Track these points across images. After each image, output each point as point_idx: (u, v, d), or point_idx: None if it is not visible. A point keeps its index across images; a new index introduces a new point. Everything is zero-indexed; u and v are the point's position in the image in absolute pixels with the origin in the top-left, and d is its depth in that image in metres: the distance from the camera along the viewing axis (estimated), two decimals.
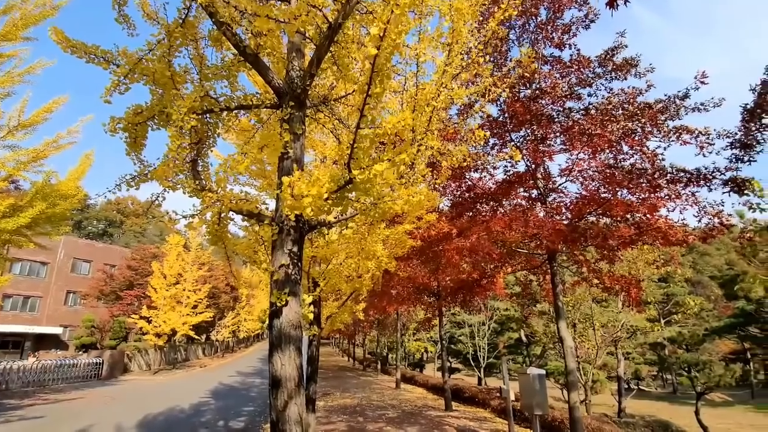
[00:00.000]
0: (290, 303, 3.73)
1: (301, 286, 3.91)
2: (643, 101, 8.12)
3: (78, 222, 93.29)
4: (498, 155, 5.54)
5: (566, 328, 8.71)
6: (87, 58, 4.79)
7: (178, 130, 4.12)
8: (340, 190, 3.34)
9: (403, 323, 27.09)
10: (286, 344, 3.64)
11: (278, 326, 3.69)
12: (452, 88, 5.45)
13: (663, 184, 7.61)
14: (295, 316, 3.74)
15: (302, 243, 4.04)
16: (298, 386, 3.60)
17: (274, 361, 3.62)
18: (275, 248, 3.95)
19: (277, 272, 3.82)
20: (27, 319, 40.11)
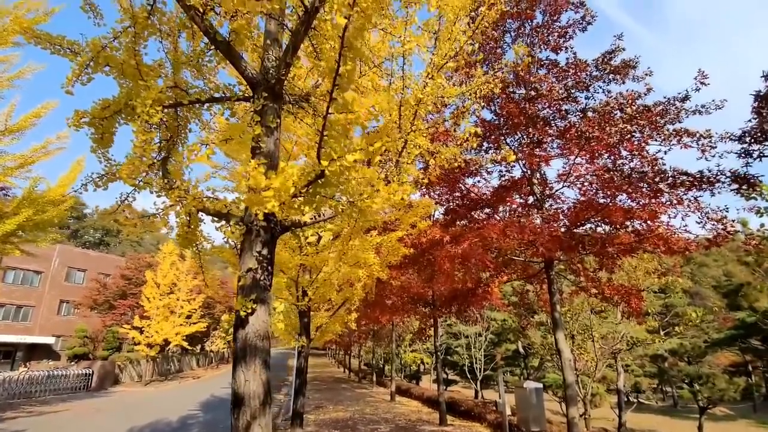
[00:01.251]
0: (257, 311, 3.37)
1: (270, 292, 3.56)
2: (642, 104, 7.84)
3: (75, 231, 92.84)
4: (492, 157, 5.23)
5: (564, 339, 8.32)
6: (53, 49, 4.49)
7: (143, 124, 3.79)
8: (312, 185, 3.00)
9: (398, 334, 26.58)
10: (252, 357, 3.27)
11: (243, 337, 3.33)
12: (442, 85, 5.17)
13: (664, 189, 7.29)
14: (262, 325, 3.38)
15: (273, 245, 3.69)
16: (263, 405, 3.22)
17: (237, 376, 3.24)
18: (243, 251, 3.60)
19: (243, 277, 3.46)
20: (19, 328, 39.42)
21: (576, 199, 8.62)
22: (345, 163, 2.64)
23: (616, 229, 8.32)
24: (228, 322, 5.23)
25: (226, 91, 4.18)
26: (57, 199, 16.86)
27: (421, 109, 4.49)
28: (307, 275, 10.84)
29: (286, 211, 3.31)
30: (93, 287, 42.40)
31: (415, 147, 4.79)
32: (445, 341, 32.28)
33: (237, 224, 3.58)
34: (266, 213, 3.60)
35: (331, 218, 3.99)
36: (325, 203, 3.23)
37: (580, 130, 7.69)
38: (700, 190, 7.08)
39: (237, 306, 3.33)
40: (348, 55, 2.39)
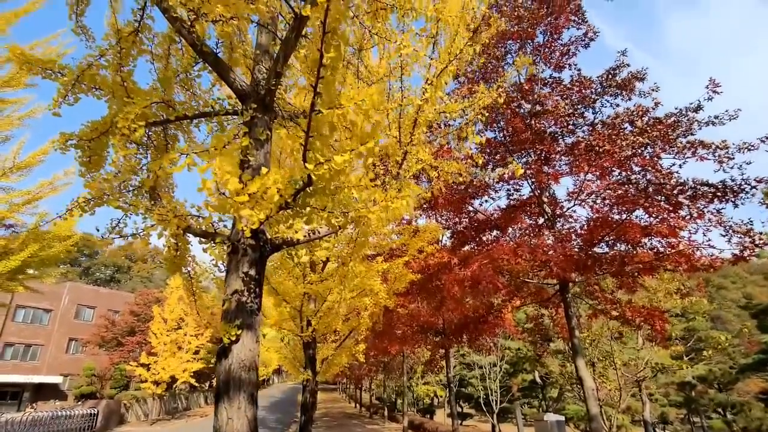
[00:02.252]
0: (243, 338, 3.03)
1: (259, 317, 3.22)
2: (652, 117, 7.56)
3: (86, 268, 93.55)
4: (499, 173, 4.94)
5: (585, 367, 7.74)
6: (43, 74, 4.37)
7: (123, 138, 3.58)
8: (300, 195, 2.71)
9: (410, 366, 25.66)
10: (236, 391, 2.90)
11: (226, 368, 2.97)
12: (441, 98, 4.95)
13: (684, 201, 6.91)
14: (248, 354, 3.02)
15: (263, 266, 3.38)
16: None
17: (219, 413, 2.87)
18: (229, 272, 3.29)
19: (228, 300, 3.14)
20: (27, 368, 38.96)
21: (589, 217, 8.23)
22: (334, 165, 2.36)
23: (633, 248, 7.88)
24: (211, 351, 4.85)
25: (215, 105, 3.98)
26: (63, 235, 16.80)
27: (420, 118, 4.25)
28: (312, 305, 10.45)
29: (274, 226, 3.03)
30: (101, 324, 42.06)
31: (416, 162, 4.52)
32: (458, 372, 31.10)
33: (222, 242, 3.28)
34: (254, 230, 3.32)
35: (326, 236, 3.69)
36: (317, 216, 2.93)
37: (590, 145, 7.40)
38: (723, 201, 6.68)
39: (221, 333, 3.00)
40: (332, 42, 2.15)
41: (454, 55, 3.79)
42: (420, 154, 4.81)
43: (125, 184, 4.31)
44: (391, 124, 4.62)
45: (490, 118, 8.32)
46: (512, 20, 8.81)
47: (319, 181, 2.58)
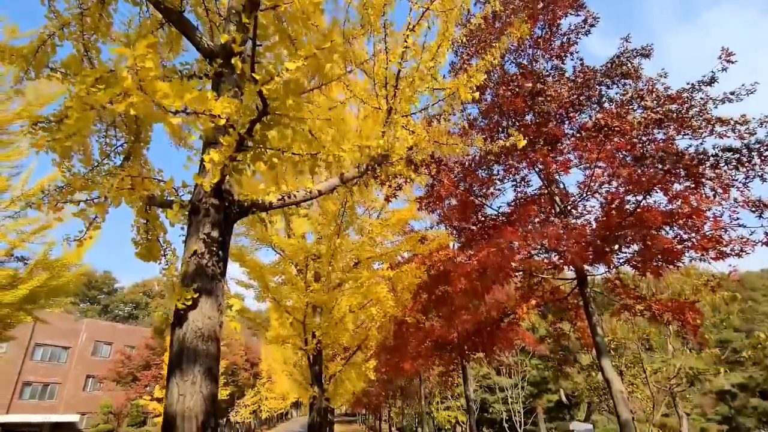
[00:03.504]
0: (200, 304, 2.62)
1: (222, 284, 2.81)
2: (664, 94, 7.11)
3: (105, 306, 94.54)
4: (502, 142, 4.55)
5: (611, 367, 7.02)
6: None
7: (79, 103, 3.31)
8: (254, 126, 2.36)
9: (428, 390, 24.55)
10: (190, 364, 2.47)
11: (180, 337, 2.55)
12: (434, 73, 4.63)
13: (707, 173, 6.36)
14: (206, 322, 2.61)
15: (228, 230, 3.00)
16: (203, 429, 2.38)
17: (170, 390, 2.44)
18: (189, 235, 2.91)
19: (185, 263, 2.76)
20: (44, 407, 38.64)
21: (603, 202, 7.66)
22: (287, 74, 2.01)
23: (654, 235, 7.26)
24: (162, 321, 4.26)
25: (182, 68, 3.70)
26: (72, 263, 16.75)
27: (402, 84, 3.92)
28: (317, 318, 9.97)
29: (230, 175, 2.66)
30: (118, 360, 41.82)
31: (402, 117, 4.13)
32: (480, 396, 29.71)
33: (181, 203, 2.92)
34: (218, 189, 2.97)
35: (304, 201, 3.31)
36: (281, 159, 2.57)
37: (597, 124, 6.97)
38: (748, 168, 6.10)
39: (174, 299, 2.60)
40: None
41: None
42: (411, 125, 4.46)
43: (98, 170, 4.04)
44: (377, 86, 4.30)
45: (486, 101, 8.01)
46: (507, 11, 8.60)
47: (276, 106, 2.23)
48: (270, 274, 9.36)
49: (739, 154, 6.17)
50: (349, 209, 5.44)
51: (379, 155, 3.81)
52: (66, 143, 3.01)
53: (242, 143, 2.44)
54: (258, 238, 9.89)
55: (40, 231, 16.36)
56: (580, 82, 7.67)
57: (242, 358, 50.15)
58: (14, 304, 15.45)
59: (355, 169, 3.65)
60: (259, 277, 9.08)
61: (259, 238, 9.89)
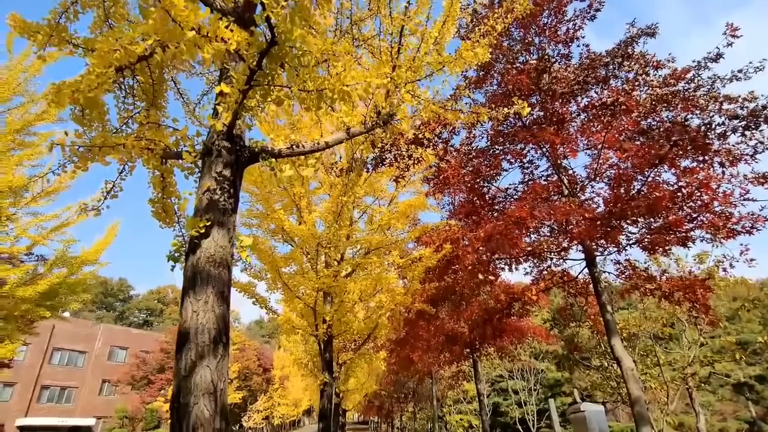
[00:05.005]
0: (213, 234, 2.76)
1: (233, 219, 2.95)
2: (669, 73, 7.14)
3: (121, 312, 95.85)
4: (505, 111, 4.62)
5: (622, 346, 6.97)
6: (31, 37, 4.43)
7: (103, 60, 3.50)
8: (263, 59, 2.51)
9: (441, 393, 24.37)
10: (203, 286, 2.60)
11: (193, 263, 2.69)
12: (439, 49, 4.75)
13: (714, 146, 6.35)
14: (218, 250, 2.74)
15: (239, 171, 3.15)
16: (215, 343, 2.50)
17: (184, 309, 2.57)
18: (202, 175, 3.07)
19: (199, 198, 2.91)
20: (61, 410, 39.23)
21: (610, 185, 7.65)
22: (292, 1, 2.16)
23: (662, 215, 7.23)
24: (177, 248, 4.10)
25: None
26: (91, 260, 17.18)
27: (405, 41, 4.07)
28: (328, 306, 10.08)
29: (241, 116, 2.82)
30: (133, 364, 42.32)
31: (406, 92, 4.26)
32: (492, 399, 29.39)
33: (194, 146, 3.08)
34: (230, 132, 3.12)
35: (312, 151, 3.45)
36: (288, 95, 2.71)
37: (604, 102, 7.01)
38: (758, 140, 6.06)
39: (187, 228, 2.75)
40: None
41: None
42: (416, 90, 4.58)
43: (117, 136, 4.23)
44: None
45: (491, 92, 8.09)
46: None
47: (283, 35, 2.37)
48: (282, 263, 9.52)
49: (745, 120, 6.15)
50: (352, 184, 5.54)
51: (385, 113, 3.94)
52: (89, 95, 3.19)
53: (252, 77, 2.59)
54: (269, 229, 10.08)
55: (60, 228, 16.82)
56: (586, 65, 7.73)
57: (255, 363, 50.36)
58: (34, 299, 15.86)
59: (362, 125, 3.79)
60: (271, 265, 9.24)
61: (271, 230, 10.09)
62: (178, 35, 2.14)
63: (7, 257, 16.42)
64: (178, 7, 2.02)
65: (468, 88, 8.35)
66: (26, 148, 16.05)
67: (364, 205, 10.37)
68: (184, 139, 3.32)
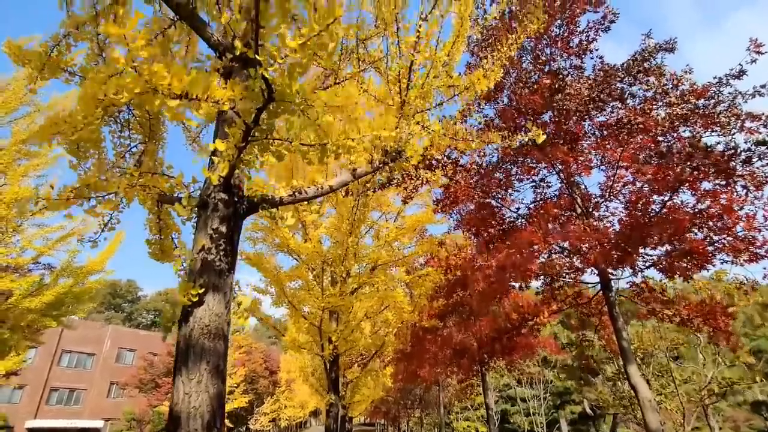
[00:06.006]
0: (207, 300, 2.55)
1: (230, 280, 2.74)
2: (689, 89, 6.84)
3: (129, 314, 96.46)
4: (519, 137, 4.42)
5: (638, 373, 6.70)
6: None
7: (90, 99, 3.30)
8: (261, 114, 2.29)
9: (447, 400, 24.12)
10: (196, 362, 2.39)
11: (186, 335, 2.48)
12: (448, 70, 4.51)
13: (738, 170, 6.05)
14: (213, 319, 2.53)
15: (237, 225, 2.93)
16: (208, 429, 2.28)
17: (176, 388, 2.36)
18: (197, 230, 2.86)
19: (193, 259, 2.69)
20: (70, 413, 39.45)
21: (626, 206, 7.36)
22: (290, 57, 1.93)
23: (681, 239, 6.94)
24: (169, 318, 3.95)
25: (194, 64, 3.69)
26: (96, 269, 17.18)
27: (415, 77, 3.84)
28: (333, 324, 9.90)
29: (238, 167, 2.60)
30: (141, 366, 42.41)
31: (416, 123, 4.04)
32: (500, 406, 29.09)
33: (189, 198, 2.87)
34: (227, 183, 2.91)
35: (314, 197, 3.23)
36: (288, 148, 2.49)
37: (620, 120, 6.73)
38: None
39: (179, 294, 2.53)
40: None
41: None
42: (426, 121, 4.35)
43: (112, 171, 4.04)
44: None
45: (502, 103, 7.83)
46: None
47: (281, 91, 2.15)
48: (287, 279, 9.35)
49: None
50: (362, 206, 5.37)
51: (393, 150, 3.71)
52: (72, 138, 3.00)
53: (249, 133, 2.37)
54: (275, 243, 9.92)
55: (65, 239, 16.79)
56: (600, 80, 7.44)
57: (261, 366, 50.38)
58: (40, 309, 15.84)
59: (368, 164, 3.57)
60: (276, 281, 9.08)
61: (276, 245, 9.92)
62: (160, 102, 1.93)
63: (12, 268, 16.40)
64: (158, 75, 1.80)
65: (477, 103, 8.14)
66: (32, 158, 16.02)
67: (371, 221, 10.17)
68: (179, 186, 3.12)
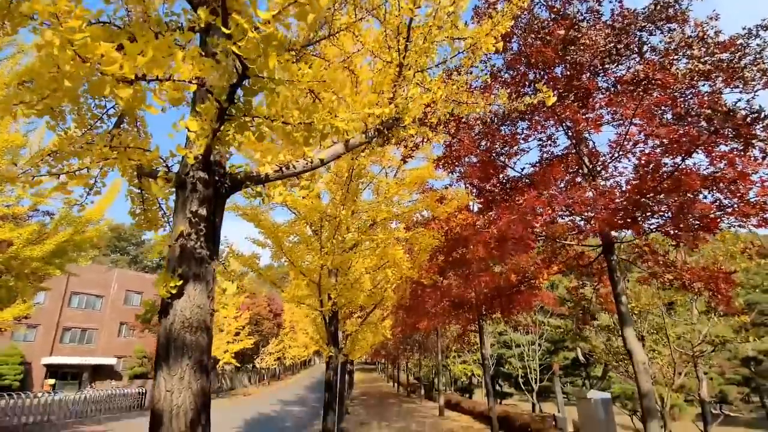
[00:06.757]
0: (188, 291, 2.39)
1: (212, 267, 2.57)
2: (714, 41, 6.30)
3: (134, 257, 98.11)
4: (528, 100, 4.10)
5: (635, 337, 6.75)
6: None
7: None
8: (235, 91, 2.00)
9: (445, 345, 25.01)
10: (178, 358, 2.27)
11: (166, 329, 2.35)
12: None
13: (759, 133, 5.71)
14: (196, 312, 2.38)
15: (219, 206, 2.72)
16: (192, 427, 2.20)
17: (158, 384, 2.26)
18: (175, 213, 2.65)
19: (171, 246, 2.51)
20: (84, 351, 41.21)
21: (637, 164, 7.04)
22: (263, 28, 1.62)
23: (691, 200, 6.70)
24: (149, 309, 3.81)
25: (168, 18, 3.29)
26: (95, 218, 17.19)
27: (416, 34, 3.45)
28: (333, 279, 9.91)
29: (215, 147, 2.34)
30: None
31: (416, 84, 3.70)
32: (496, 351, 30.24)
33: (166, 175, 2.63)
34: (206, 161, 2.66)
35: (304, 171, 2.98)
36: (270, 127, 2.22)
37: (637, 76, 6.27)
38: None
39: (157, 287, 2.37)
40: None
41: None
42: (427, 82, 3.99)
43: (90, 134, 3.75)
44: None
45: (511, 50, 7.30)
46: None
47: (256, 67, 1.85)
48: (285, 234, 9.24)
49: None
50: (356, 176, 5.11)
51: (389, 118, 3.41)
52: (38, 108, 2.71)
53: (224, 111, 2.09)
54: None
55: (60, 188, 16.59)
56: (618, 28, 6.85)
57: (266, 309, 51.99)
58: (42, 258, 15.98)
59: (362, 134, 3.28)
60: (274, 237, 8.98)
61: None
62: (109, 92, 1.64)
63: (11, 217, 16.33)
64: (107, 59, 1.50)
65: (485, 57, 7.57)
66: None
67: (371, 175, 9.90)
68: (156, 161, 2.87)
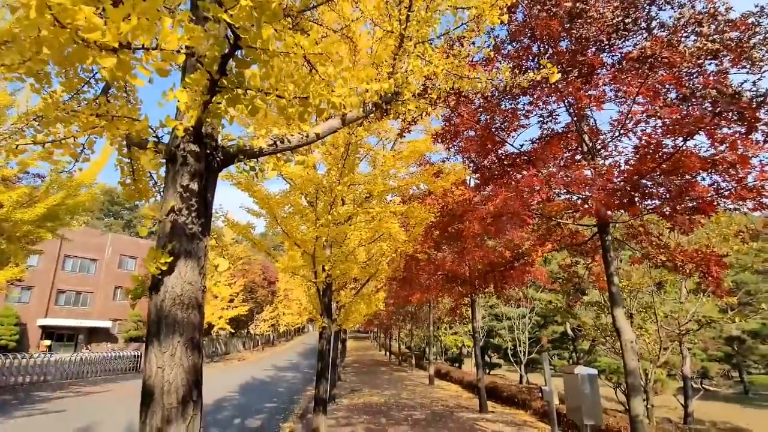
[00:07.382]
0: (179, 268, 2.35)
1: (204, 243, 2.52)
2: (725, 18, 6.12)
3: (128, 221, 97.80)
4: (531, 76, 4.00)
5: (624, 317, 6.86)
6: None
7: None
8: (227, 63, 1.90)
9: (437, 316, 25.50)
10: (169, 334, 2.25)
11: (157, 305, 2.32)
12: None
13: (763, 117, 5.63)
14: (187, 288, 2.35)
15: (210, 180, 2.64)
16: (183, 404, 2.20)
17: (149, 360, 2.24)
18: (166, 187, 2.58)
19: (162, 221, 2.45)
20: (79, 313, 41.58)
21: (637, 144, 6.96)
22: None
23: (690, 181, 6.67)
24: (138, 285, 3.66)
25: None
26: (87, 182, 16.98)
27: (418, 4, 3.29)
28: (327, 250, 9.91)
29: (206, 117, 2.25)
30: (143, 273, 43.90)
31: (422, 62, 3.57)
32: (487, 323, 30.87)
33: (156, 147, 2.54)
34: (198, 133, 2.56)
35: (300, 146, 2.89)
36: (264, 101, 2.12)
37: (643, 54, 6.11)
38: None
39: (147, 263, 2.32)
40: None
41: None
42: (429, 54, 3.85)
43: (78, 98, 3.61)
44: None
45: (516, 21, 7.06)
46: None
47: (248, 37, 1.75)
48: (279, 204, 9.18)
49: None
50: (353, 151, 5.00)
51: (388, 92, 3.30)
52: (20, 71, 2.58)
53: (215, 84, 1.99)
54: None
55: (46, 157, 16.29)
56: (628, 1, 6.62)
57: (260, 277, 52.44)
58: (34, 221, 15.82)
59: (359, 109, 3.18)
60: (268, 207, 8.93)
61: None
62: (91, 62, 1.54)
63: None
64: (88, 27, 1.39)
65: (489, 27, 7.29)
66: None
67: (368, 147, 9.75)
68: (146, 132, 2.76)
